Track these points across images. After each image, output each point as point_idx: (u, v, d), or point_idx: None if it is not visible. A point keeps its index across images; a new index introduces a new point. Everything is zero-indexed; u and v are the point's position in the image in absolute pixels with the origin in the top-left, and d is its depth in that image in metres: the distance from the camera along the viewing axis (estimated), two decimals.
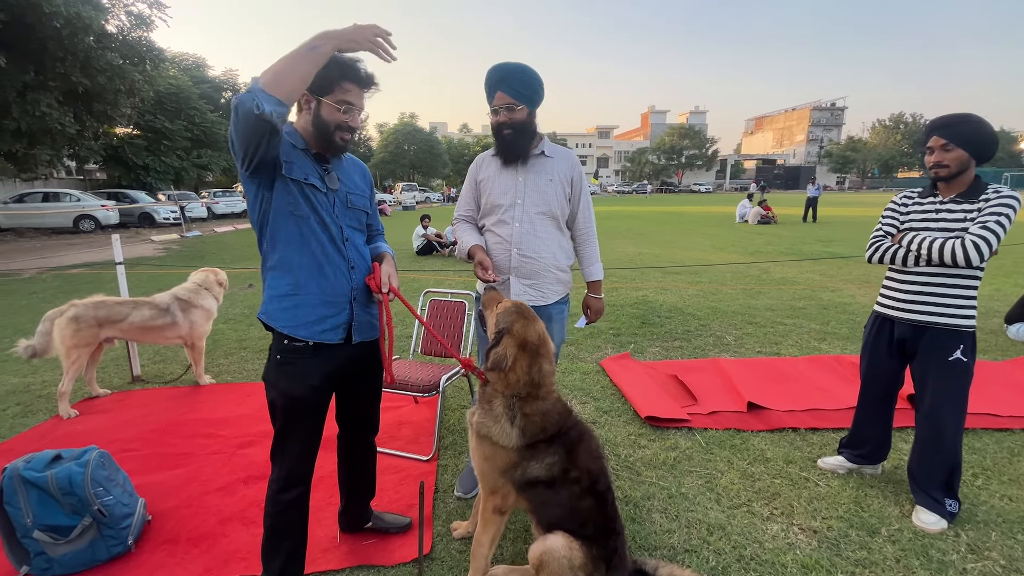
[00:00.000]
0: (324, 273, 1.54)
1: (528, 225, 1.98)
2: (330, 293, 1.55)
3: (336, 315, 1.57)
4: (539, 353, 1.59)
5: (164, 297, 3.38)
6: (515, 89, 1.89)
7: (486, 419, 1.60)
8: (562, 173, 2.01)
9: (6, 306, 6.02)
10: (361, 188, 1.71)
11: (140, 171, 21.87)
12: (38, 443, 2.76)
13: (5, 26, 8.99)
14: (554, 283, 2.05)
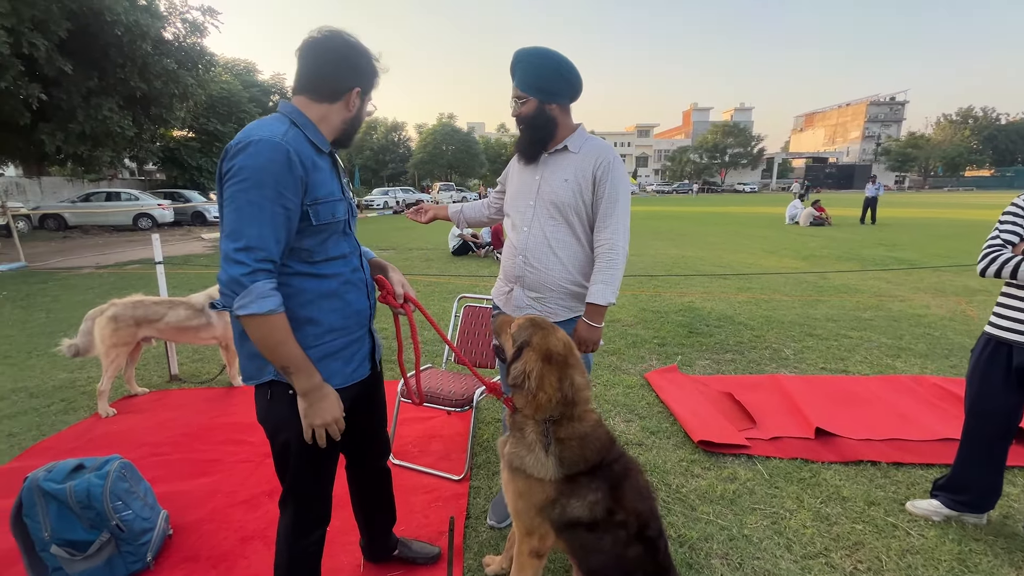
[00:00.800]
0: (347, 308, 1.34)
1: (539, 231, 1.71)
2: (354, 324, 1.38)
3: (364, 349, 1.41)
4: (568, 363, 1.39)
5: (199, 297, 3.36)
6: (521, 79, 1.64)
7: (518, 448, 1.41)
8: (580, 172, 1.66)
9: (66, 302, 6.30)
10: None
11: (194, 172, 22.94)
12: (75, 442, 2.77)
13: (71, 35, 9.54)
14: (565, 298, 1.74)
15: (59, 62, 9.46)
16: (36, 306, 6.04)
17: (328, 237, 1.28)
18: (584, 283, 1.75)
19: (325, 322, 1.29)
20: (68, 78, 9.88)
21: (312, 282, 1.27)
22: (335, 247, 1.31)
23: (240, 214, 1.10)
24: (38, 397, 3.39)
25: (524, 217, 1.75)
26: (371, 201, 28.40)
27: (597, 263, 1.69)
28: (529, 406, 1.38)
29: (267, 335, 1.13)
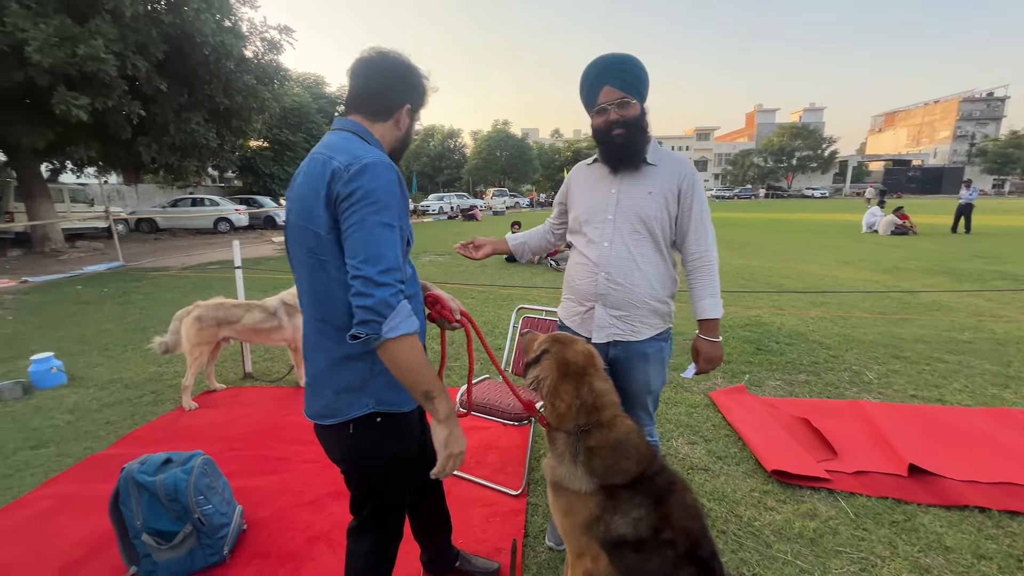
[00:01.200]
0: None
1: (621, 246, 1.65)
2: None
3: None
4: (585, 372, 1.36)
5: (273, 301, 3.55)
6: (624, 80, 1.59)
7: (555, 463, 1.39)
8: (665, 184, 1.63)
9: (156, 299, 6.89)
10: None
11: (267, 179, 24.58)
12: (162, 433, 3.00)
13: (167, 56, 10.52)
14: (649, 315, 1.68)
15: (156, 81, 10.45)
16: (131, 303, 6.65)
17: (405, 256, 1.28)
18: (665, 299, 1.71)
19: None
20: (163, 95, 10.89)
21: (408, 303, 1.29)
22: (407, 265, 1.33)
23: (375, 237, 1.07)
24: (132, 388, 3.70)
25: (602, 232, 1.68)
26: (427, 206, 29.34)
27: (696, 276, 1.70)
28: (553, 416, 1.36)
29: (413, 357, 1.09)
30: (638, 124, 1.63)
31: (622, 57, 1.61)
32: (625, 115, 1.61)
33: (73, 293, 7.40)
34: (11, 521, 2.18)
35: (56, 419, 3.19)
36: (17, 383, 3.60)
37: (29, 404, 3.42)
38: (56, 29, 8.23)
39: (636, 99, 1.61)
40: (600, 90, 1.62)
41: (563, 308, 1.86)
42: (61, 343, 4.81)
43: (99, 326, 5.46)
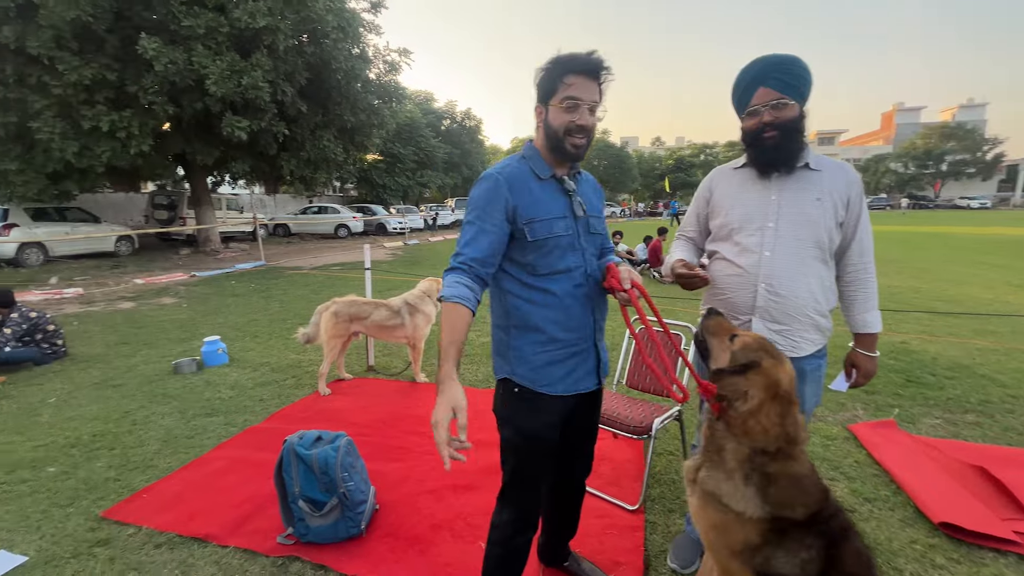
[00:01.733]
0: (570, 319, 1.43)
1: (784, 255, 1.54)
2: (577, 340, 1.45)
3: (588, 363, 1.49)
4: (791, 400, 1.24)
5: (397, 301, 3.85)
6: (783, 81, 1.49)
7: (714, 472, 1.29)
8: (835, 192, 1.54)
9: (292, 295, 7.81)
10: (599, 209, 1.56)
11: (380, 189, 26.78)
12: (303, 413, 3.37)
13: (308, 82, 11.96)
14: (811, 330, 1.57)
15: (298, 104, 11.94)
16: (273, 297, 7.61)
17: (550, 252, 1.38)
18: (827, 313, 1.60)
19: (548, 331, 1.40)
20: (303, 116, 12.41)
21: (537, 294, 1.40)
22: (559, 261, 1.40)
23: (462, 230, 1.38)
24: (277, 372, 4.22)
25: (760, 240, 1.58)
26: None
27: (857, 288, 1.61)
28: (738, 424, 1.25)
29: (446, 316, 1.28)
30: (793, 127, 1.53)
31: (782, 57, 1.53)
32: (779, 117, 1.52)
33: (228, 287, 8.65)
34: (195, 476, 2.59)
35: (222, 393, 3.74)
36: (193, 360, 4.28)
37: (201, 378, 4.05)
38: (228, 64, 9.77)
39: (795, 100, 1.51)
40: (755, 91, 1.55)
41: None
42: (221, 329, 5.63)
43: (249, 316, 6.31)
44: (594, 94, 1.35)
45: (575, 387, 1.46)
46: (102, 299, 7.67)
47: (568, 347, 1.43)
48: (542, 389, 1.42)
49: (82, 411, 3.44)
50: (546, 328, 1.40)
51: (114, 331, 5.64)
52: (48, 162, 9.96)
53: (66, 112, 9.64)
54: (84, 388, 3.88)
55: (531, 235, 1.36)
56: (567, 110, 1.33)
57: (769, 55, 1.55)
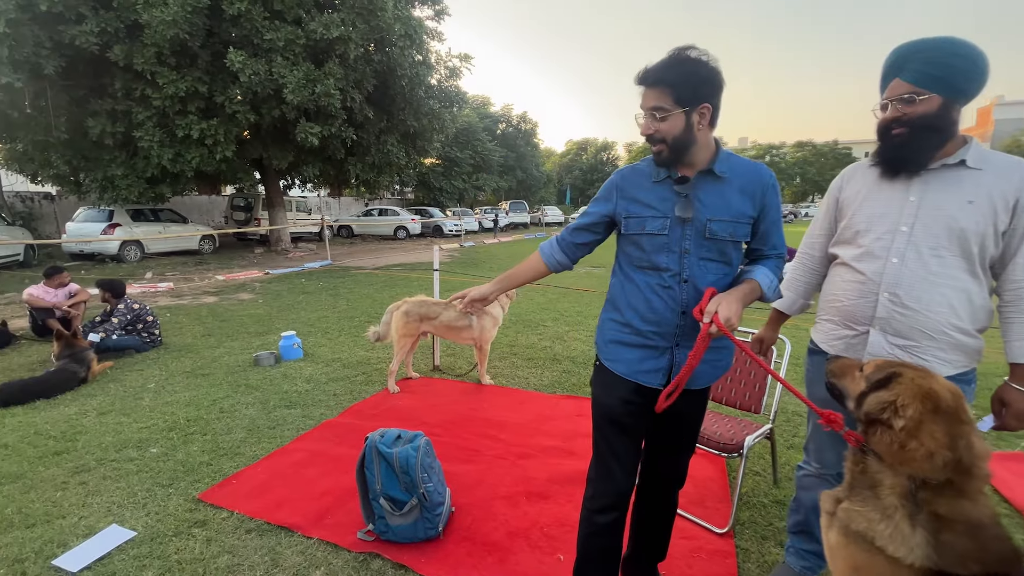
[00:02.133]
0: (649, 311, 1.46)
1: (917, 263, 1.37)
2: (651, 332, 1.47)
3: (655, 358, 1.48)
4: (959, 418, 1.04)
5: None
6: (922, 72, 1.32)
7: (865, 508, 1.11)
8: (996, 193, 1.32)
9: (357, 293, 8.12)
10: (736, 211, 1.40)
11: (437, 192, 27.46)
12: (374, 409, 3.45)
13: (375, 89, 12.46)
14: (947, 349, 1.38)
15: (366, 110, 12.48)
16: (340, 295, 7.93)
17: (642, 247, 1.46)
18: (972, 331, 1.39)
19: (625, 315, 1.51)
20: (369, 122, 12.96)
21: (627, 280, 1.52)
22: (651, 257, 1.44)
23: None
24: (348, 368, 4.37)
25: (887, 244, 1.42)
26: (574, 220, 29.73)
27: (1017, 312, 1.36)
28: (894, 453, 1.06)
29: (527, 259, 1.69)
30: (927, 123, 1.34)
31: (930, 42, 1.34)
32: (908, 112, 1.35)
33: (299, 284, 9.13)
34: (278, 466, 2.70)
35: (298, 386, 3.91)
36: (271, 354, 4.51)
37: (279, 371, 4.26)
38: (304, 73, 10.37)
39: (938, 93, 1.32)
40: (889, 82, 1.39)
41: (820, 331, 1.63)
42: (294, 325, 5.92)
43: (319, 313, 6.61)
44: (649, 100, 1.36)
45: (636, 375, 1.49)
46: (189, 293, 8.32)
47: (641, 336, 1.48)
48: (607, 364, 1.54)
49: (177, 397, 3.70)
50: (624, 311, 1.51)
51: (200, 323, 6.07)
52: (147, 167, 10.97)
53: (163, 122, 10.59)
54: (177, 376, 4.18)
55: (624, 228, 1.49)
56: (640, 121, 1.41)
57: (917, 39, 1.37)
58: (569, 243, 1.61)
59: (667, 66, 1.33)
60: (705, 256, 1.40)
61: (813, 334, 1.66)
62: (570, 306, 6.83)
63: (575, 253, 1.62)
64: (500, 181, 31.24)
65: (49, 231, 14.80)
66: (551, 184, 40.34)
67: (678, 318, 1.42)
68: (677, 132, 1.33)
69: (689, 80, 1.31)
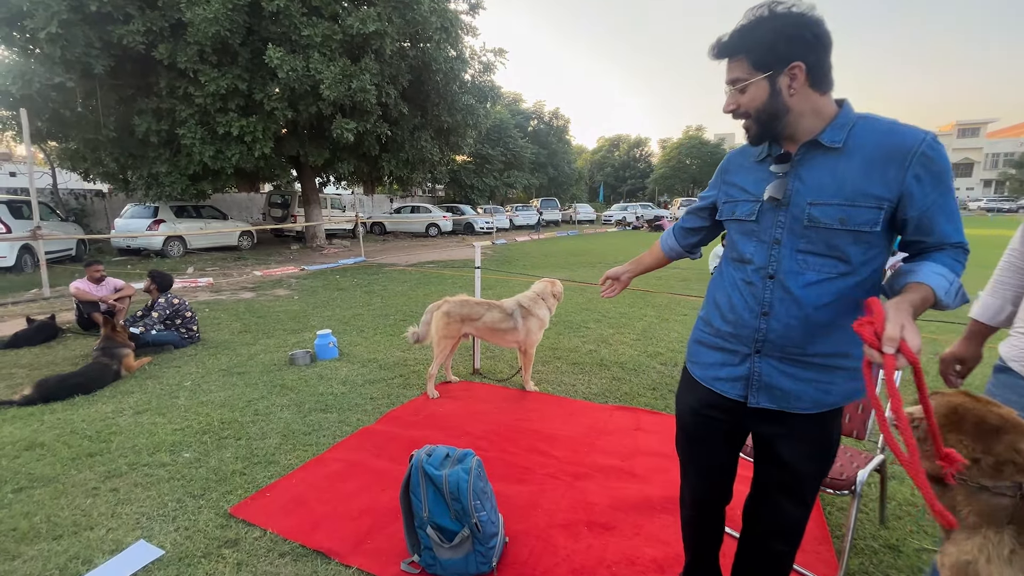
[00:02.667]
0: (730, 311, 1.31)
1: None
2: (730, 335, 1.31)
3: (735, 364, 1.30)
4: None
5: (510, 303, 3.60)
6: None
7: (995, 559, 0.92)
8: None
9: (392, 291, 7.99)
10: (853, 191, 1.10)
11: (468, 189, 27.35)
12: (414, 416, 3.23)
13: (410, 84, 12.35)
14: None
15: (400, 106, 12.39)
16: (374, 292, 7.82)
17: (735, 236, 1.32)
18: None
19: (709, 312, 1.39)
20: (404, 117, 12.88)
21: (721, 276, 1.38)
22: (742, 246, 1.28)
23: None
24: (384, 369, 4.17)
25: None
26: (610, 217, 29.13)
27: None
28: None
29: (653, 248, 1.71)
30: None
31: None
32: None
33: (333, 281, 9.08)
34: (314, 478, 2.50)
35: (334, 388, 3.73)
36: (307, 352, 4.37)
37: (314, 371, 4.10)
38: (340, 69, 10.34)
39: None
40: None
41: (1011, 345, 1.28)
42: (329, 322, 5.80)
43: (353, 310, 6.48)
44: (727, 73, 1.19)
45: (712, 381, 1.35)
46: (227, 288, 8.38)
47: (719, 337, 1.34)
48: (688, 364, 1.45)
49: (212, 396, 3.58)
50: (709, 307, 1.40)
51: (238, 319, 6.03)
52: (190, 164, 11.18)
53: (205, 120, 10.77)
54: (213, 373, 4.08)
55: (719, 215, 1.40)
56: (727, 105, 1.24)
57: None
58: (679, 228, 1.58)
59: (740, 30, 1.14)
60: (804, 248, 1.16)
61: (1002, 349, 1.31)
62: (612, 307, 6.48)
63: (684, 239, 1.58)
64: (531, 178, 30.88)
65: (100, 227, 15.39)
66: (582, 181, 39.70)
67: (758, 320, 1.22)
68: (760, 102, 1.14)
69: (765, 39, 1.10)
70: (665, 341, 4.96)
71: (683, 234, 1.57)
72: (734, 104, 1.18)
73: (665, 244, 1.63)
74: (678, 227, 1.58)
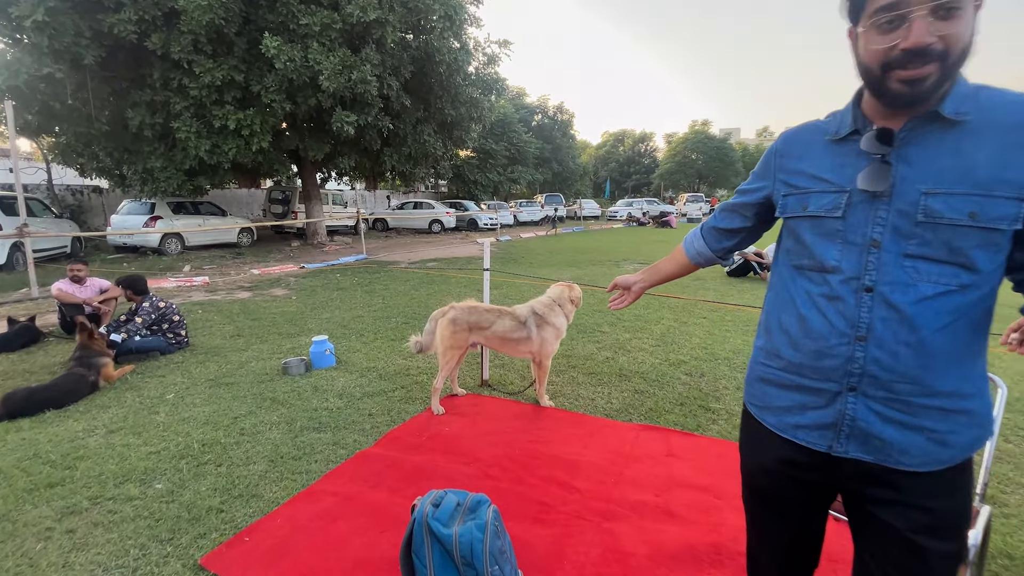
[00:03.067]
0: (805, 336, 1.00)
1: None
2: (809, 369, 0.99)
3: (819, 408, 0.99)
4: None
5: (523, 310, 3.25)
6: None
7: None
8: None
9: (393, 290, 7.65)
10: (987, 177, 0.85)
11: (472, 185, 26.94)
12: (417, 438, 2.89)
13: (412, 76, 11.97)
14: None
15: (403, 98, 12.02)
16: (375, 292, 7.48)
17: (801, 236, 1.02)
18: None
19: (774, 337, 1.08)
20: (406, 110, 12.51)
21: (782, 292, 1.08)
22: (812, 251, 0.99)
23: None
24: (385, 379, 3.84)
25: None
26: (615, 212, 28.74)
27: None
28: None
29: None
30: None
31: None
32: None
33: (334, 280, 8.75)
34: (302, 517, 2.17)
35: (329, 402, 3.40)
36: (302, 361, 4.04)
37: (309, 382, 3.77)
38: (340, 59, 9.97)
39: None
40: None
41: None
42: (328, 325, 5.47)
43: (353, 312, 6.15)
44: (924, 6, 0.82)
45: (790, 429, 1.03)
46: (224, 288, 8.06)
47: (793, 373, 1.02)
48: (752, 408, 1.14)
49: (195, 412, 3.25)
50: (773, 334, 1.08)
51: (231, 321, 5.71)
52: (185, 159, 10.85)
53: (200, 112, 10.42)
54: (199, 384, 3.75)
55: (780, 210, 1.08)
56: (881, 30, 0.86)
57: None
58: (711, 228, 1.27)
59: None
60: (915, 253, 0.89)
61: None
62: (626, 308, 6.12)
63: (718, 241, 1.27)
64: (535, 174, 30.43)
65: (98, 224, 15.10)
66: (587, 177, 39.22)
67: (851, 347, 0.93)
68: (967, 39, 0.84)
69: None
70: (687, 347, 4.61)
71: (716, 236, 1.27)
72: (934, 36, 0.82)
73: (691, 248, 1.33)
74: (709, 227, 1.28)
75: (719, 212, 1.27)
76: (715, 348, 4.58)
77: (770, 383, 1.08)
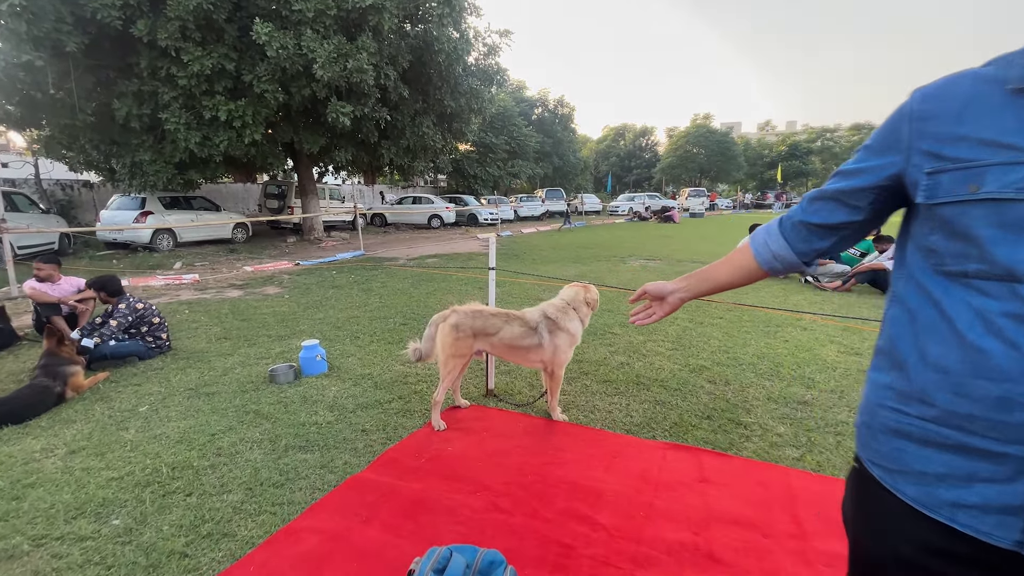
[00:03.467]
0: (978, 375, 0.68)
1: None
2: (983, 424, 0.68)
3: (998, 480, 0.68)
4: None
5: (534, 314, 2.92)
6: None
7: None
8: None
9: (391, 288, 7.31)
10: None
11: (471, 179, 26.54)
12: (415, 461, 2.56)
13: (410, 65, 11.57)
14: None
15: (400, 89, 11.63)
16: (372, 291, 7.14)
17: (980, 231, 0.69)
18: None
19: (912, 377, 0.76)
20: (404, 102, 12.12)
21: (927, 304, 0.76)
22: (1001, 252, 0.67)
23: None
24: (381, 388, 3.51)
25: None
26: (616, 207, 28.40)
27: None
28: None
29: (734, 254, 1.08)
30: None
31: None
32: None
33: (329, 277, 8.41)
34: (279, 562, 1.84)
35: (319, 416, 3.07)
36: (290, 367, 3.70)
37: (298, 392, 3.44)
38: (335, 47, 9.57)
39: None
40: None
41: None
42: (320, 326, 5.14)
43: (348, 312, 5.81)
44: None
45: (943, 507, 0.72)
46: (214, 286, 7.72)
47: (951, 428, 0.71)
48: (879, 473, 0.81)
49: (169, 428, 2.92)
50: (912, 368, 0.76)
51: (219, 322, 5.37)
52: (175, 152, 10.47)
53: (190, 103, 10.03)
54: (177, 394, 3.42)
55: (926, 195, 0.74)
56: None
57: None
58: (798, 224, 0.93)
59: None
60: None
61: None
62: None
63: (806, 241, 0.93)
64: (536, 168, 30.02)
65: (88, 219, 14.71)
66: (588, 171, 38.77)
67: None
68: None
69: None
70: (706, 351, 4.28)
71: (805, 234, 0.93)
72: None
73: (763, 250, 0.99)
74: (795, 222, 0.94)
75: (808, 202, 0.93)
76: (736, 352, 4.26)
77: (910, 439, 0.77)
